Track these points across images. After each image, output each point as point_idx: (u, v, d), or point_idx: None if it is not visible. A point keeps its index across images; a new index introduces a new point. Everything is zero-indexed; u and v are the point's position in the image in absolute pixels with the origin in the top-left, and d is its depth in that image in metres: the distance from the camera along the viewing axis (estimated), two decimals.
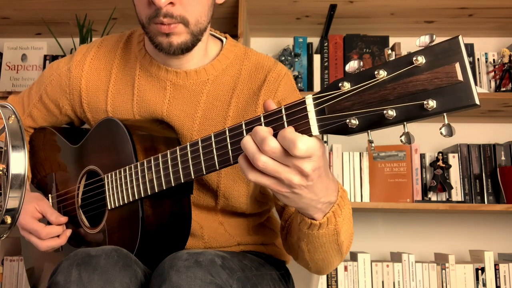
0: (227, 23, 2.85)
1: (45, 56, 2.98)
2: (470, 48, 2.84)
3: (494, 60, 2.84)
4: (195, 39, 1.32)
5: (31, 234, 1.39)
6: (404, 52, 2.85)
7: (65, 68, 1.51)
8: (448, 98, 0.75)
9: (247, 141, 0.93)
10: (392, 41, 2.87)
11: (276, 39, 3.09)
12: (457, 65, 0.75)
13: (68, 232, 1.43)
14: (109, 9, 2.76)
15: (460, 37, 0.75)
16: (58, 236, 1.41)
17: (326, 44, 2.84)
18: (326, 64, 2.81)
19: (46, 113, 1.58)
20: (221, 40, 1.49)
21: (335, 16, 2.76)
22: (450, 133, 0.75)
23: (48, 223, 1.43)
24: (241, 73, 1.42)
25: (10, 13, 2.87)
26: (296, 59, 2.80)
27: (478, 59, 2.84)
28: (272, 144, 0.90)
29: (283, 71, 1.43)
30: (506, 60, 2.74)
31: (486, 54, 2.85)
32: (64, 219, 1.43)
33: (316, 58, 2.83)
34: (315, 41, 2.95)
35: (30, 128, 1.63)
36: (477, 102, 0.73)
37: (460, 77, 0.74)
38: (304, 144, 0.87)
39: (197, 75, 1.40)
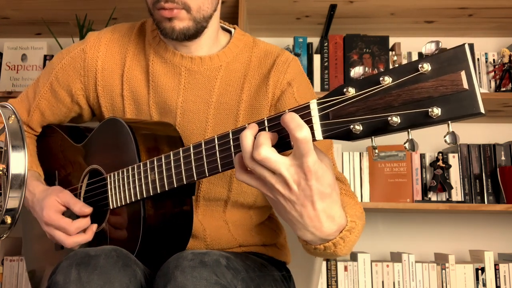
0: (227, 23, 2.85)
1: (45, 56, 2.97)
2: (470, 48, 2.83)
3: (494, 60, 2.84)
4: (199, 26, 1.35)
5: (57, 230, 1.34)
6: (404, 52, 2.85)
7: (78, 49, 1.50)
8: (453, 106, 0.75)
9: (243, 140, 0.93)
10: (392, 41, 2.87)
11: (276, 39, 3.09)
12: (463, 73, 0.75)
13: (94, 227, 1.37)
14: (109, 9, 2.77)
15: (466, 45, 0.75)
16: (84, 231, 1.36)
17: (326, 44, 2.84)
18: (326, 64, 2.81)
19: (55, 104, 1.54)
20: (230, 32, 1.53)
21: (335, 16, 2.76)
22: (455, 141, 0.75)
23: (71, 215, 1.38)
24: (251, 60, 1.46)
25: (10, 13, 2.87)
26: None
27: (478, 59, 2.85)
28: (264, 153, 0.89)
29: (291, 56, 1.46)
30: (506, 60, 2.75)
31: (486, 54, 2.86)
32: (89, 210, 1.36)
33: (316, 58, 2.84)
34: (315, 41, 2.95)
35: (39, 125, 1.60)
36: (482, 110, 0.73)
37: (465, 85, 0.74)
38: (308, 132, 0.86)
39: (211, 61, 1.43)
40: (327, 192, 0.93)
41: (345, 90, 0.85)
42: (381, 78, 0.81)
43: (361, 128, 0.84)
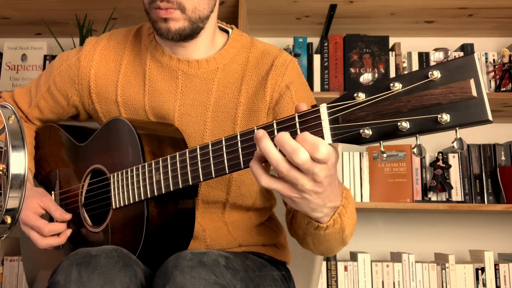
0: (227, 23, 2.84)
1: (45, 56, 2.97)
2: (470, 48, 2.84)
3: (494, 60, 2.84)
4: (195, 26, 1.35)
5: (32, 230, 1.39)
6: (404, 52, 2.85)
7: (74, 58, 1.53)
8: (462, 113, 0.76)
9: (269, 148, 0.94)
10: (392, 41, 2.86)
11: (276, 39, 3.09)
12: (472, 81, 0.76)
13: (68, 231, 1.42)
14: (109, 9, 2.76)
15: (475, 55, 0.76)
16: (58, 234, 1.41)
17: (326, 44, 2.84)
18: (326, 64, 2.81)
19: (53, 104, 1.58)
20: (227, 32, 1.52)
21: (335, 16, 2.76)
22: (462, 147, 0.76)
23: (51, 219, 1.43)
24: (248, 61, 1.45)
25: (10, 13, 2.86)
26: (296, 59, 2.79)
27: (478, 59, 2.83)
28: (304, 156, 0.90)
29: (289, 57, 1.46)
30: (506, 60, 2.75)
31: (486, 54, 2.86)
32: (68, 216, 1.42)
33: (316, 58, 2.83)
34: (315, 41, 2.95)
35: (37, 120, 1.64)
36: (490, 118, 0.75)
37: (474, 93, 0.75)
38: (326, 147, 0.89)
39: (208, 64, 1.43)
40: (335, 170, 1.00)
41: (355, 95, 0.86)
42: (391, 84, 0.82)
43: (371, 133, 0.85)
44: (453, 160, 2.66)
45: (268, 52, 1.46)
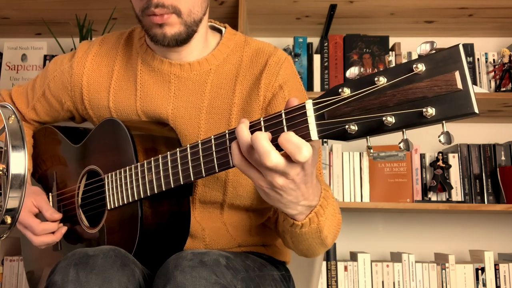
0: (227, 23, 2.81)
1: (45, 56, 2.97)
2: (470, 48, 2.84)
3: (494, 60, 2.83)
4: (190, 30, 1.34)
5: (26, 229, 1.40)
6: (404, 52, 2.85)
7: (67, 65, 1.53)
8: (447, 106, 0.75)
9: (243, 130, 0.95)
10: (392, 41, 2.87)
11: (276, 39, 3.09)
12: (457, 74, 0.75)
13: (64, 229, 1.44)
14: (109, 9, 2.76)
15: (460, 46, 0.75)
16: (53, 232, 1.43)
17: (326, 44, 2.84)
18: (326, 64, 2.81)
19: (49, 108, 1.59)
20: (221, 31, 1.51)
21: (335, 16, 2.76)
22: (449, 141, 0.75)
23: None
24: (242, 60, 1.43)
25: (10, 13, 2.87)
26: (296, 59, 2.80)
27: (478, 59, 2.84)
28: (275, 160, 0.90)
29: (284, 56, 1.44)
30: (506, 60, 2.74)
31: (486, 54, 2.85)
32: (59, 216, 1.44)
33: (316, 58, 2.83)
34: (315, 41, 2.95)
35: (34, 121, 1.66)
36: (476, 110, 0.73)
37: (459, 85, 0.74)
38: (308, 151, 0.88)
39: (200, 65, 1.42)
40: (312, 170, 0.98)
41: (340, 90, 0.86)
42: (376, 79, 0.81)
43: (356, 128, 0.84)
44: (453, 160, 2.65)
45: (262, 51, 1.44)
